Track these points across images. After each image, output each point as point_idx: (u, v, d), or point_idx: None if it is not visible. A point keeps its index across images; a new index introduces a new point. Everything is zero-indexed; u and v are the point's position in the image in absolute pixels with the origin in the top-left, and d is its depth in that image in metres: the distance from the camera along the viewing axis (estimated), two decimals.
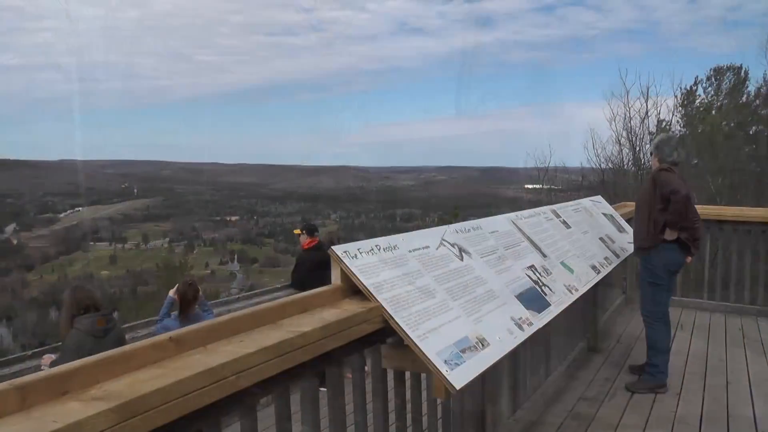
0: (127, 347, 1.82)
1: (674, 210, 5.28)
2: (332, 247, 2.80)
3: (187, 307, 6.19)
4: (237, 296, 7.77)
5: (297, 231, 8.76)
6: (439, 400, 3.42)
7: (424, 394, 3.34)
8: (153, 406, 1.60)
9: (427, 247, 3.35)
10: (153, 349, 1.85)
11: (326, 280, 8.39)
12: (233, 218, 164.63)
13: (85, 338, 5.05)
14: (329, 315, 2.43)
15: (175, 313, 6.15)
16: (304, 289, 8.04)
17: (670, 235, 5.42)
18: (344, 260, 2.73)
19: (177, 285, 6.32)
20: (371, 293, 2.65)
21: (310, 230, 8.57)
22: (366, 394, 2.82)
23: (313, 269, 8.03)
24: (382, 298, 2.66)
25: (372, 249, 2.95)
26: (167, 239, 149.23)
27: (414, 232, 3.46)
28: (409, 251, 3.17)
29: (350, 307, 2.55)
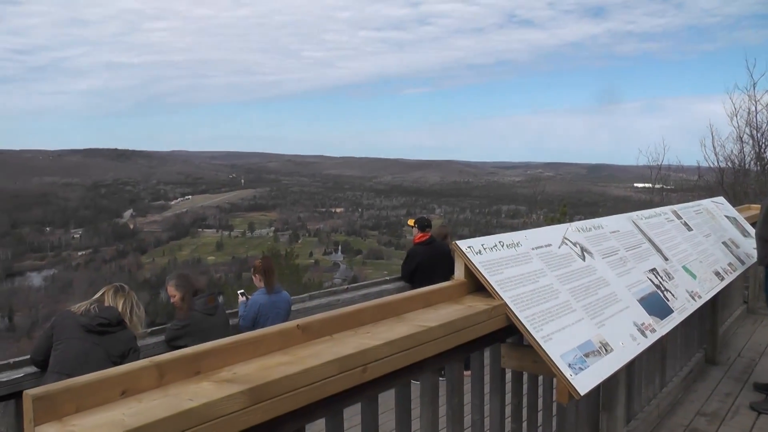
0: (255, 332, 1.82)
1: None
2: (456, 242, 2.73)
3: (268, 280, 6.34)
4: (346, 287, 7.80)
5: (411, 222, 8.74)
6: (555, 404, 3.31)
7: (540, 390, 3.25)
8: (281, 392, 1.59)
9: (550, 245, 3.24)
10: (280, 335, 1.84)
11: (436, 275, 8.32)
12: (338, 210, 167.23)
13: (202, 317, 5.57)
14: (453, 311, 2.37)
15: (262, 288, 6.31)
16: (414, 282, 8.05)
17: None
18: (468, 255, 2.66)
19: (256, 265, 6.52)
20: (495, 290, 2.57)
21: (423, 225, 8.53)
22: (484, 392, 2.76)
23: (424, 263, 8.05)
24: (507, 296, 2.57)
25: (495, 245, 2.86)
26: (272, 228, 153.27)
27: (536, 230, 3.35)
28: (532, 249, 3.07)
29: (474, 304, 2.48)
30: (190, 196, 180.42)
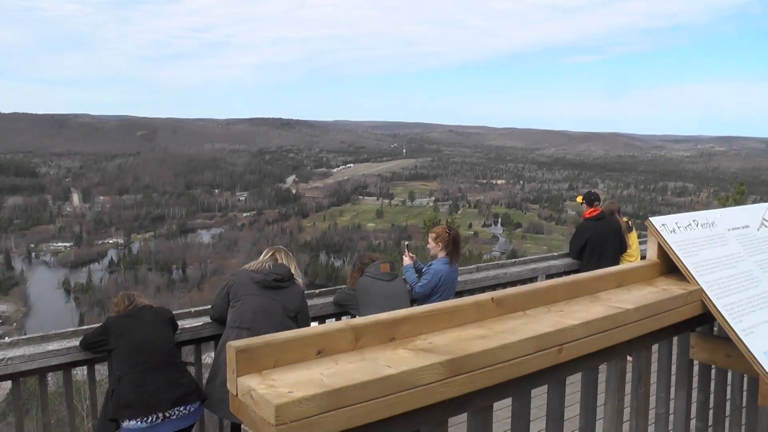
0: (451, 302, 1.79)
1: None
2: (650, 218, 2.58)
3: (456, 252, 6.27)
4: (513, 261, 7.71)
5: (579, 199, 8.54)
6: (744, 404, 3.08)
7: (728, 387, 3.04)
8: (479, 367, 1.54)
9: (747, 226, 2.99)
10: (475, 307, 1.80)
11: (605, 251, 8.02)
12: (499, 182, 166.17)
13: (372, 281, 5.65)
14: (648, 293, 2.22)
15: (444, 257, 6.23)
16: (582, 259, 7.84)
17: None
18: (662, 234, 2.50)
19: (440, 233, 6.41)
20: (691, 274, 2.39)
21: (591, 199, 8.30)
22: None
23: (594, 239, 7.86)
24: (703, 280, 2.40)
25: (690, 224, 2.67)
26: (432, 198, 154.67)
27: (732, 208, 3.11)
28: (728, 230, 2.85)
29: (668, 287, 2.32)
30: (351, 164, 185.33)
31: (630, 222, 8.62)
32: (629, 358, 2.51)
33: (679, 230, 2.59)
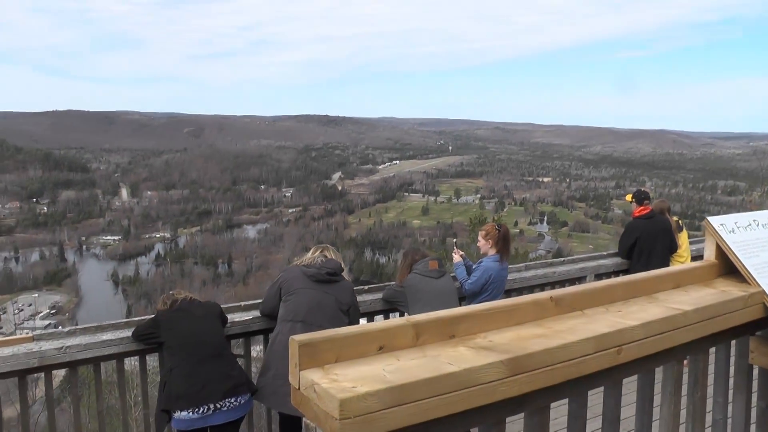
0: (509, 301, 1.79)
1: None
2: (708, 218, 2.54)
3: (506, 250, 6.21)
4: (562, 260, 7.64)
5: (628, 198, 8.43)
6: None
7: None
8: (539, 366, 1.54)
9: None
10: (534, 305, 1.80)
11: (655, 250, 7.87)
12: (545, 179, 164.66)
13: (421, 278, 5.62)
14: (706, 295, 2.19)
15: (494, 255, 6.17)
16: (631, 258, 7.72)
17: None
18: (721, 234, 2.45)
19: (489, 230, 6.32)
20: (752, 276, 2.35)
21: (640, 198, 8.17)
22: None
23: (643, 238, 7.75)
24: (765, 282, 2.35)
25: (750, 224, 2.62)
26: (478, 195, 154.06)
27: None
28: None
29: (727, 289, 2.28)
30: (397, 161, 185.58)
31: (680, 221, 8.48)
32: (685, 362, 2.48)
33: (738, 230, 2.55)
